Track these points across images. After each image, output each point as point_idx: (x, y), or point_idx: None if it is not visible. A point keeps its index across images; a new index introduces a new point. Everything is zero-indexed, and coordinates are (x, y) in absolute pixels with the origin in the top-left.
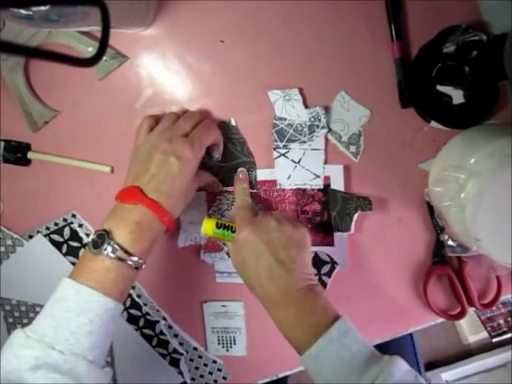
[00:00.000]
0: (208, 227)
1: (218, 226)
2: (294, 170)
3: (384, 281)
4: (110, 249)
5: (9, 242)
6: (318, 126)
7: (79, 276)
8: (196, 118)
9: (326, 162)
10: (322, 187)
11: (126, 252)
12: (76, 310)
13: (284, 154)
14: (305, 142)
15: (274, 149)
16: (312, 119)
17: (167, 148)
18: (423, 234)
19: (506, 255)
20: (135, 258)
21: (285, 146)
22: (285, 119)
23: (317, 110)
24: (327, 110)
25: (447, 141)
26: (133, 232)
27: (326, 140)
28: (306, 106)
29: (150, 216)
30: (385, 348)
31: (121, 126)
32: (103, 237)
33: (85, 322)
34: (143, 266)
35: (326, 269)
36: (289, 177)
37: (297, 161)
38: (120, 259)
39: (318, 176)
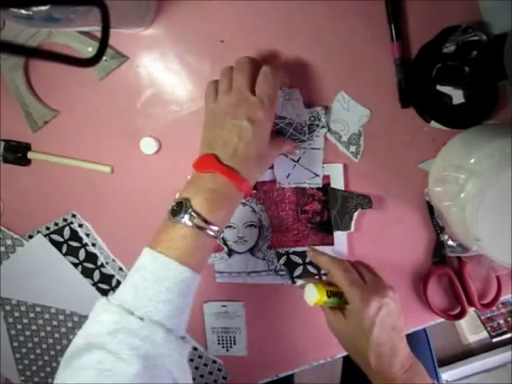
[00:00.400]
0: (319, 299)
1: (329, 296)
2: (294, 169)
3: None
4: (187, 217)
5: (9, 242)
6: (317, 126)
7: (158, 244)
8: (246, 66)
9: (325, 162)
10: (320, 186)
11: (204, 220)
12: (153, 278)
13: (283, 153)
14: (304, 141)
15: None
16: (312, 119)
17: (237, 112)
18: (423, 234)
19: (506, 255)
20: (213, 227)
21: None
22: (285, 118)
23: (317, 110)
24: (327, 110)
25: (447, 141)
26: (210, 200)
27: (325, 139)
28: (307, 106)
29: (227, 183)
30: None
31: (121, 126)
32: (181, 205)
33: (162, 290)
34: (221, 235)
35: None
36: (288, 175)
37: (296, 160)
38: (198, 227)
39: (317, 175)
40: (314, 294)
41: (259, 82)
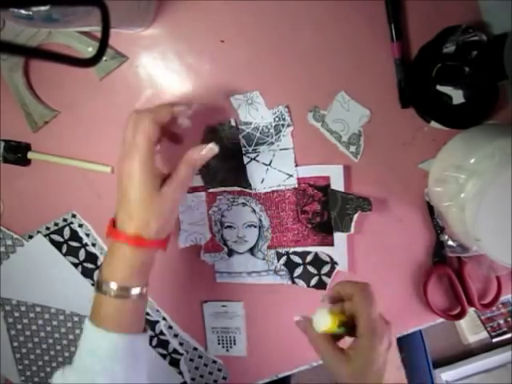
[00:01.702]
0: (330, 327)
1: (339, 326)
2: (267, 173)
3: (384, 281)
4: (108, 290)
5: (9, 242)
6: (283, 125)
7: (93, 316)
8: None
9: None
10: (296, 186)
11: (125, 289)
12: (87, 350)
13: (254, 158)
14: (273, 143)
15: (244, 154)
16: (276, 119)
17: (120, 169)
18: (423, 234)
19: (506, 255)
20: (135, 290)
21: (254, 150)
22: (250, 123)
23: (280, 109)
24: (289, 108)
25: (447, 141)
26: (126, 270)
27: (293, 137)
28: (269, 107)
29: (138, 250)
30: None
31: (121, 126)
32: (99, 282)
33: (96, 362)
34: (145, 290)
35: (326, 269)
36: (262, 180)
37: (268, 163)
38: (121, 296)
39: (290, 175)
40: (326, 321)
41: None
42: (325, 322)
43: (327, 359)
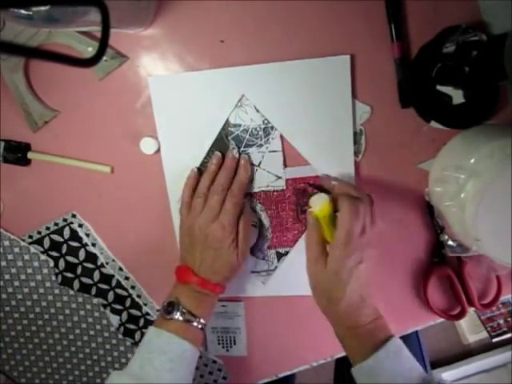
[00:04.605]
0: (323, 210)
1: (329, 217)
2: (256, 174)
3: (384, 281)
4: (179, 313)
5: (6, 243)
6: (272, 128)
7: (160, 324)
8: (222, 191)
9: (285, 164)
10: (284, 188)
11: (192, 314)
12: (158, 351)
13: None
14: (262, 145)
15: None
16: (266, 122)
17: (203, 234)
18: (423, 234)
19: (506, 255)
20: (200, 319)
21: (243, 152)
22: (239, 125)
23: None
24: None
25: (447, 141)
26: (194, 298)
27: (281, 140)
28: (258, 110)
29: (204, 289)
30: None
31: (121, 126)
32: (172, 304)
33: (165, 361)
34: (205, 327)
35: None
36: (251, 181)
37: (257, 164)
38: (187, 321)
39: (279, 177)
40: (321, 203)
41: (226, 201)
42: (319, 206)
43: (310, 260)
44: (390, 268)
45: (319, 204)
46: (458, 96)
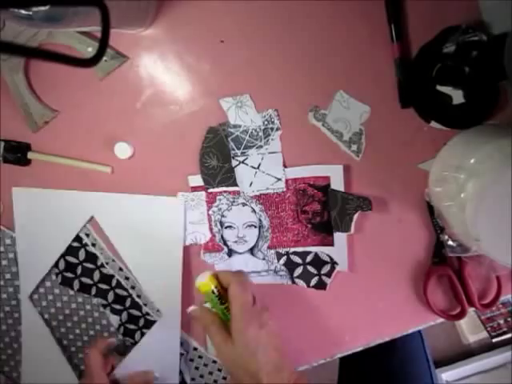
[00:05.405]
0: (204, 284)
1: (216, 295)
2: (255, 176)
3: (384, 281)
4: None
5: (8, 242)
6: (272, 129)
7: None
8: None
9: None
10: (284, 189)
11: None
12: None
13: (243, 162)
14: (261, 146)
15: (233, 157)
16: (266, 122)
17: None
18: (423, 234)
19: (506, 255)
20: None
21: (243, 153)
22: (239, 126)
23: (269, 113)
24: (278, 111)
25: (447, 141)
26: None
27: (281, 141)
28: (259, 110)
29: None
30: (393, 345)
31: (121, 125)
32: None
33: None
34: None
35: (325, 269)
36: (251, 184)
37: (256, 166)
38: None
39: (279, 179)
40: (205, 278)
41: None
42: (204, 278)
43: (216, 341)
44: (390, 268)
45: (203, 280)
46: (458, 96)
